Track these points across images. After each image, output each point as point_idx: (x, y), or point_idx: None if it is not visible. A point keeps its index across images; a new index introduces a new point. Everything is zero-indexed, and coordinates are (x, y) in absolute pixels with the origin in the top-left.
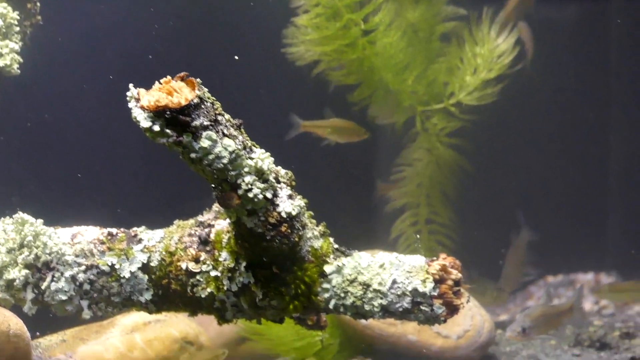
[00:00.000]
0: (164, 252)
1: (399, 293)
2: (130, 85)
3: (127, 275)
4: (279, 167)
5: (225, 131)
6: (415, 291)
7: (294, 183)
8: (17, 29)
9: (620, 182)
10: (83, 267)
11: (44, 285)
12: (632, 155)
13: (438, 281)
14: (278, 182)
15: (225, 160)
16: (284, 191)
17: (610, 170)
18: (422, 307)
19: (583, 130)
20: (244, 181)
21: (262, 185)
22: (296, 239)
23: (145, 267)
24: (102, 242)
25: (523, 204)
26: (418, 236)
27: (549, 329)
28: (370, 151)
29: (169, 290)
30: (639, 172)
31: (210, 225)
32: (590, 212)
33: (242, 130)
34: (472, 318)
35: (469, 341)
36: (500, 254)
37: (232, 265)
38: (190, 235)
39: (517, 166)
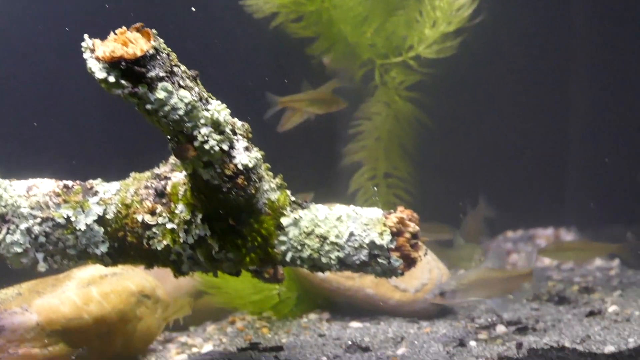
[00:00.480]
0: (120, 205)
1: (356, 246)
2: (85, 36)
3: (83, 227)
4: (236, 119)
5: (181, 82)
6: (372, 244)
7: (250, 135)
8: None
9: (578, 137)
10: (38, 220)
11: None
12: (591, 110)
13: (395, 234)
14: (234, 134)
15: (181, 112)
16: (241, 143)
17: (569, 125)
18: (380, 260)
19: (543, 86)
20: (200, 133)
21: (218, 137)
22: (253, 191)
23: (101, 220)
24: (58, 195)
25: (482, 159)
26: (375, 189)
27: (492, 292)
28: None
29: (124, 243)
30: (597, 126)
31: (166, 178)
32: (549, 167)
33: (198, 81)
34: (430, 272)
35: (426, 294)
36: (458, 208)
37: (188, 217)
38: (146, 187)
39: (477, 121)
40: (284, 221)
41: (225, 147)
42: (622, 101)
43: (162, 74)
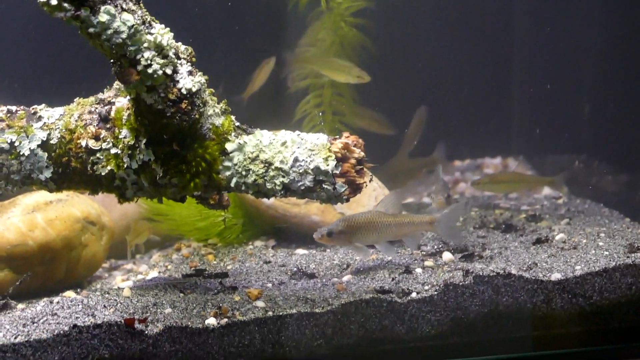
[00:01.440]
0: (63, 130)
1: (300, 171)
2: None
3: (27, 152)
4: (179, 43)
5: (124, 5)
6: (317, 169)
7: (194, 59)
8: None
9: (523, 65)
10: None
11: None
12: (536, 38)
13: (341, 159)
14: (178, 58)
15: (124, 35)
16: (184, 67)
17: (515, 53)
18: (325, 186)
19: (489, 14)
20: (143, 57)
21: (161, 61)
22: (197, 116)
23: (44, 145)
24: (1, 120)
25: (429, 87)
26: (321, 114)
27: (379, 237)
28: (274, 26)
29: (68, 168)
30: (542, 54)
31: (110, 103)
32: (496, 96)
33: (141, 4)
34: (376, 199)
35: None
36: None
37: (132, 142)
38: (90, 112)
39: (423, 49)
40: (229, 146)
41: (168, 71)
42: (566, 28)
43: None
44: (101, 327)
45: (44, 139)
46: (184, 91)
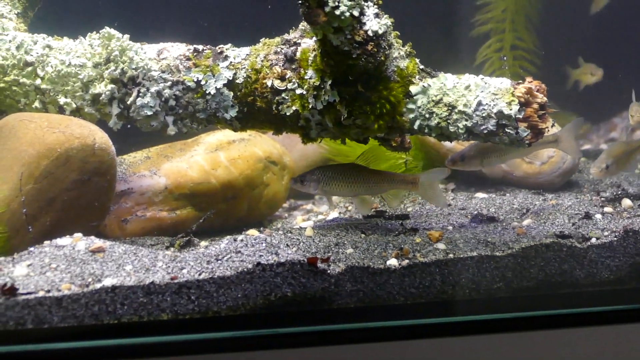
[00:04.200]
0: (249, 69)
1: (484, 115)
2: None
3: (213, 91)
4: None
5: None
6: (500, 113)
7: (380, 2)
8: None
9: None
10: (169, 83)
11: (129, 100)
12: None
13: (523, 104)
14: (365, 0)
15: None
16: (371, 10)
17: None
18: (507, 130)
19: None
20: None
21: (349, 3)
22: (382, 58)
23: (230, 84)
24: (188, 59)
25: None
26: (505, 58)
27: (630, 165)
28: None
29: (254, 108)
30: None
31: (296, 44)
32: None
33: None
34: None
35: (552, 167)
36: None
37: (317, 83)
38: (276, 53)
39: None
40: (413, 89)
41: (355, 13)
42: None
43: None
44: (284, 265)
45: (230, 78)
46: (370, 33)
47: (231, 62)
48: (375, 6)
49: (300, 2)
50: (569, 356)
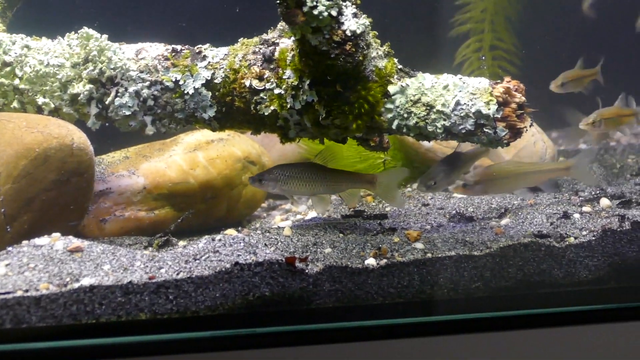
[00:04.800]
0: (228, 69)
1: (462, 115)
2: None
3: (191, 91)
4: None
5: None
6: (478, 113)
7: (359, 1)
8: None
9: None
10: (147, 83)
11: (108, 100)
12: None
13: (502, 104)
14: (343, 0)
15: None
16: (349, 9)
17: None
18: (485, 129)
19: None
20: None
21: (327, 3)
22: (360, 58)
23: (209, 84)
24: (167, 59)
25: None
26: (484, 58)
27: (512, 187)
28: None
29: (232, 108)
30: None
31: (274, 44)
32: None
33: None
34: (534, 144)
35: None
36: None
37: (296, 83)
38: (254, 52)
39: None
40: (391, 89)
41: (333, 13)
42: None
43: None
44: (262, 265)
45: (208, 78)
46: (348, 33)
47: (209, 62)
48: (354, 6)
49: (278, 2)
50: (548, 356)
